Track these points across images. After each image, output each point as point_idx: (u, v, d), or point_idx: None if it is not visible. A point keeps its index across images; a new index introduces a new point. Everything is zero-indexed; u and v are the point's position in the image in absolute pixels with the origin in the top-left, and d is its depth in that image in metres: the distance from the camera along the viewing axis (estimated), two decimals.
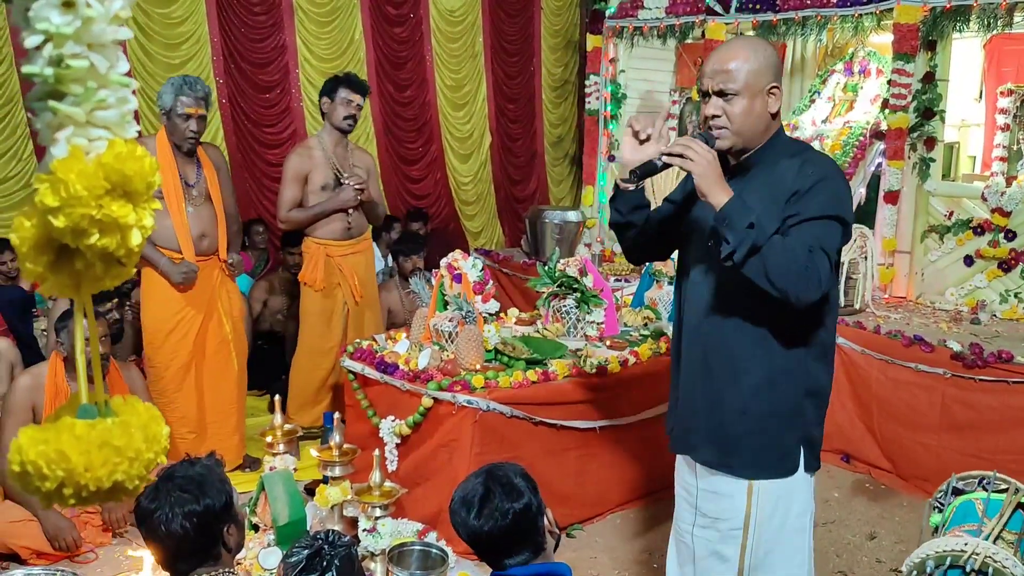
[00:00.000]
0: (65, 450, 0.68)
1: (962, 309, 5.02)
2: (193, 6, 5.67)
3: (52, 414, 0.74)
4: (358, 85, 4.26)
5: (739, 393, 2.09)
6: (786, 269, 1.87)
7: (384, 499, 2.78)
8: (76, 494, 0.70)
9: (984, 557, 1.93)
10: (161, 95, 3.78)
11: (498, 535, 1.89)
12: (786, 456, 2.09)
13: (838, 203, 1.98)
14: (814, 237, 1.92)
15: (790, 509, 2.12)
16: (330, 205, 4.23)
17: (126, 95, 0.73)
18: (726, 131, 2.05)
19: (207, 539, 1.93)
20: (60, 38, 0.68)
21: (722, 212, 1.91)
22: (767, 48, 2.09)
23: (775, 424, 2.07)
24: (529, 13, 7.73)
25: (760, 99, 2.04)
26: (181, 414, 3.91)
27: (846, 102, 6.32)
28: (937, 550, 2.05)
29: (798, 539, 2.14)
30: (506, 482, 1.91)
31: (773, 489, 2.10)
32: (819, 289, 1.89)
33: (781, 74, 2.11)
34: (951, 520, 2.22)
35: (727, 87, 2.02)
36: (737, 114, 2.03)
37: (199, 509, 1.90)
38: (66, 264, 0.72)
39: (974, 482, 2.33)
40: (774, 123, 2.10)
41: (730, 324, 2.09)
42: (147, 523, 1.92)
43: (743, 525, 2.12)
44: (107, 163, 0.70)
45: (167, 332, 3.84)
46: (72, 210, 0.68)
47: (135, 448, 0.71)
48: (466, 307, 3.70)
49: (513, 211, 7.78)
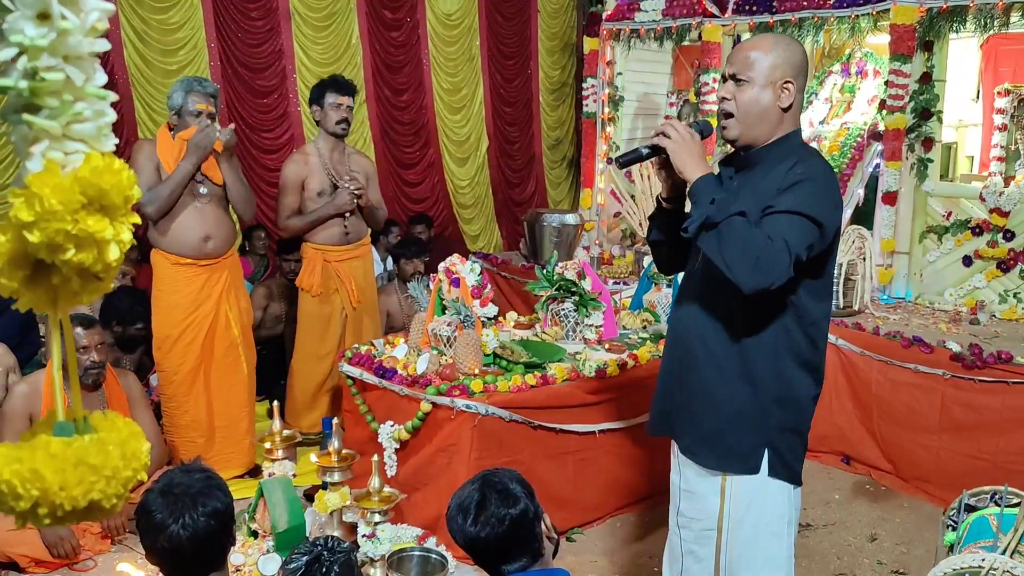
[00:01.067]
0: (39, 469, 0.67)
1: (961, 309, 5.01)
2: (190, 12, 5.66)
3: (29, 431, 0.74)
4: (344, 87, 4.25)
5: (711, 387, 2.12)
6: (740, 251, 1.87)
7: (383, 504, 2.78)
8: (51, 513, 0.69)
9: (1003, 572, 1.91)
10: (171, 95, 3.82)
11: (495, 541, 1.88)
12: (749, 456, 2.09)
13: (814, 203, 1.95)
14: (779, 229, 1.91)
15: (764, 511, 2.11)
16: (327, 210, 4.23)
17: (103, 108, 0.72)
18: (732, 119, 2.09)
19: (224, 541, 1.91)
20: (35, 50, 0.67)
21: (692, 186, 1.99)
22: (791, 45, 2.10)
23: (739, 423, 2.09)
24: (526, 16, 7.72)
25: (770, 91, 2.05)
26: (191, 418, 3.94)
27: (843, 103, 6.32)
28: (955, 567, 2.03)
29: (774, 543, 2.12)
30: (502, 488, 1.91)
31: (746, 489, 2.10)
32: (768, 278, 1.87)
33: (802, 74, 2.08)
34: (966, 538, 2.20)
35: (740, 73, 2.07)
36: (744, 101, 2.06)
37: (221, 508, 1.87)
38: (42, 279, 0.71)
39: (986, 497, 2.32)
40: (785, 120, 2.08)
41: (711, 320, 2.12)
42: (160, 537, 1.84)
43: (716, 526, 2.14)
44: (83, 177, 0.69)
45: (176, 337, 3.87)
46: (47, 225, 0.67)
47: (112, 466, 0.70)
48: (464, 311, 3.69)
49: (511, 214, 7.77)
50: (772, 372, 2.06)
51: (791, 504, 2.14)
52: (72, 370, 0.80)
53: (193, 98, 3.77)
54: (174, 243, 3.82)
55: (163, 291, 3.88)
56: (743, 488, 2.11)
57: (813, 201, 1.94)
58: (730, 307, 2.06)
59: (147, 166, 3.75)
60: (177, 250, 3.82)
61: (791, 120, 2.09)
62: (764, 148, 2.09)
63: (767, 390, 2.06)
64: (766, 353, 2.05)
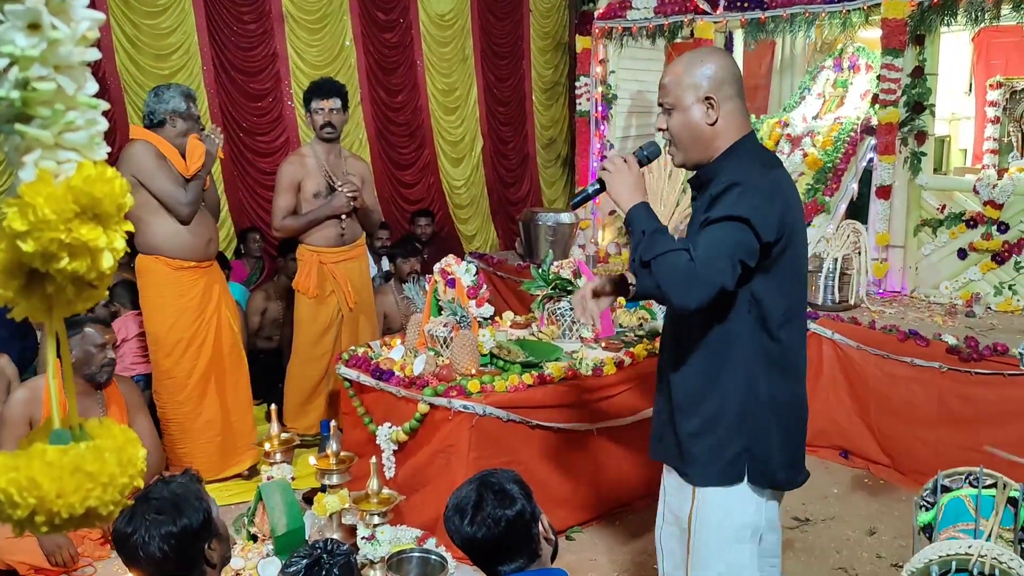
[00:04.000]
0: (36, 477, 0.68)
1: (957, 302, 5.02)
2: (182, 16, 5.65)
3: (25, 440, 0.74)
4: (326, 90, 4.25)
5: (683, 397, 2.13)
6: (670, 278, 1.92)
7: (382, 506, 2.78)
8: (48, 521, 0.69)
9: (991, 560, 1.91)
10: (167, 100, 3.86)
11: (491, 542, 1.89)
12: (729, 465, 2.07)
13: (739, 204, 1.92)
14: (709, 240, 1.93)
15: (730, 517, 2.10)
16: (322, 212, 4.24)
17: (95, 116, 0.73)
18: (673, 146, 2.13)
19: (187, 560, 1.92)
20: (26, 61, 0.67)
21: (626, 217, 2.06)
22: (706, 59, 2.07)
23: (718, 436, 2.07)
24: (518, 16, 7.72)
25: (694, 111, 2.04)
26: (206, 419, 3.98)
27: (836, 98, 6.33)
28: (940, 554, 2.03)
29: (734, 551, 2.10)
30: (499, 489, 1.92)
31: (715, 494, 2.10)
32: (707, 290, 1.89)
33: (727, 83, 2.04)
34: (942, 519, 2.20)
35: (665, 101, 2.10)
36: (675, 127, 2.09)
37: (176, 531, 1.88)
38: (37, 288, 0.72)
39: (960, 478, 2.31)
40: (720, 134, 2.05)
41: (681, 330, 2.14)
42: (125, 547, 1.90)
43: (687, 526, 2.16)
44: (76, 186, 0.69)
45: (187, 341, 3.91)
46: (41, 234, 0.67)
47: (108, 473, 0.71)
48: (460, 312, 3.69)
49: (507, 214, 7.78)
50: (743, 378, 2.04)
51: (760, 513, 2.11)
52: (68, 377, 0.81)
53: (191, 103, 3.90)
54: (180, 247, 3.85)
55: (167, 297, 3.89)
56: (711, 494, 2.10)
57: (737, 202, 1.92)
58: (693, 321, 2.07)
59: (164, 166, 3.80)
60: (181, 254, 3.87)
61: (728, 132, 2.05)
62: (712, 164, 2.08)
63: (738, 395, 2.05)
64: (734, 359, 2.04)
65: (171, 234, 3.83)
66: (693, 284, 1.88)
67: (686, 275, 1.89)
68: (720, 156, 2.07)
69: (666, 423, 2.22)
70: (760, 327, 2.04)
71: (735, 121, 2.07)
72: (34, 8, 0.68)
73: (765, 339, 2.04)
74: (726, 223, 1.93)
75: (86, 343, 3.43)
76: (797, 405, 2.14)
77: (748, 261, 1.93)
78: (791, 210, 2.03)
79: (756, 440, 2.06)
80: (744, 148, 2.08)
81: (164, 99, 3.85)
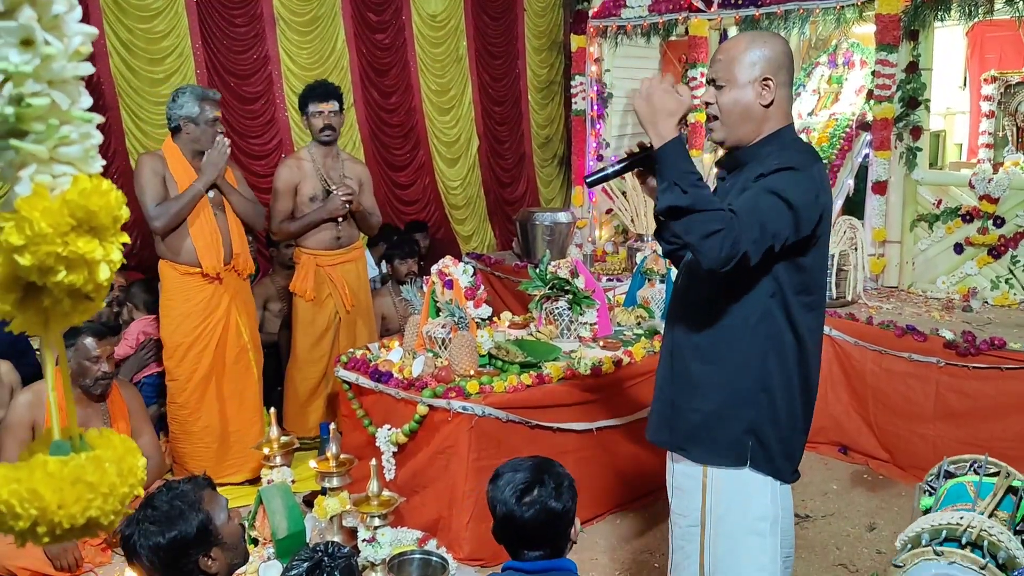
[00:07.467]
0: (38, 488, 0.68)
1: (953, 297, 5.03)
2: (175, 20, 5.64)
3: (26, 451, 0.75)
4: (323, 93, 4.26)
5: (696, 378, 2.12)
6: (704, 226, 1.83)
7: (383, 508, 2.79)
8: (50, 532, 0.70)
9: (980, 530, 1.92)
10: (182, 104, 3.86)
11: (530, 525, 1.94)
12: (732, 446, 2.08)
13: (787, 186, 1.92)
14: (749, 204, 1.90)
15: (746, 508, 2.10)
16: (318, 215, 4.25)
17: (89, 130, 0.73)
18: (716, 121, 2.10)
19: (178, 570, 1.93)
20: (20, 77, 0.67)
21: (656, 153, 1.94)
22: (769, 41, 2.07)
23: (725, 412, 2.08)
24: (512, 15, 7.72)
25: (750, 90, 2.04)
26: (204, 424, 3.98)
27: (831, 94, 6.34)
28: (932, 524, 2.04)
29: (755, 543, 2.10)
30: (557, 481, 1.99)
31: (727, 483, 2.10)
32: (736, 247, 1.83)
33: (783, 68, 2.06)
34: (943, 501, 2.22)
35: (717, 76, 2.08)
36: (725, 103, 2.07)
37: (163, 543, 1.90)
38: (33, 301, 0.72)
39: (965, 465, 2.33)
40: (769, 117, 2.06)
41: (695, 310, 2.13)
42: (125, 548, 1.96)
43: (699, 522, 2.15)
44: (72, 199, 0.70)
45: (188, 345, 3.92)
46: (38, 248, 0.68)
47: (109, 483, 0.72)
48: (458, 313, 3.70)
49: (503, 213, 7.77)
50: (757, 361, 2.04)
51: (776, 503, 2.11)
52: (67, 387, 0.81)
53: (208, 106, 3.86)
54: (186, 254, 3.87)
55: (174, 300, 3.92)
56: (724, 482, 2.10)
57: (786, 184, 1.92)
58: (712, 297, 2.07)
59: (153, 180, 3.80)
60: (187, 260, 3.88)
61: (777, 116, 2.07)
62: (753, 147, 2.08)
63: (752, 379, 2.05)
64: (750, 342, 2.04)
65: (177, 241, 3.85)
66: (727, 238, 1.82)
67: (720, 226, 1.82)
68: (763, 140, 2.07)
69: (669, 402, 2.21)
70: (783, 314, 2.03)
71: (783, 108, 2.09)
72: (27, 24, 0.68)
73: (784, 326, 2.04)
74: (771, 196, 1.91)
75: (79, 356, 3.44)
76: (804, 399, 2.13)
77: (776, 245, 1.92)
78: (828, 208, 2.05)
79: (767, 424, 2.07)
80: (790, 137, 2.10)
81: (178, 104, 3.87)
